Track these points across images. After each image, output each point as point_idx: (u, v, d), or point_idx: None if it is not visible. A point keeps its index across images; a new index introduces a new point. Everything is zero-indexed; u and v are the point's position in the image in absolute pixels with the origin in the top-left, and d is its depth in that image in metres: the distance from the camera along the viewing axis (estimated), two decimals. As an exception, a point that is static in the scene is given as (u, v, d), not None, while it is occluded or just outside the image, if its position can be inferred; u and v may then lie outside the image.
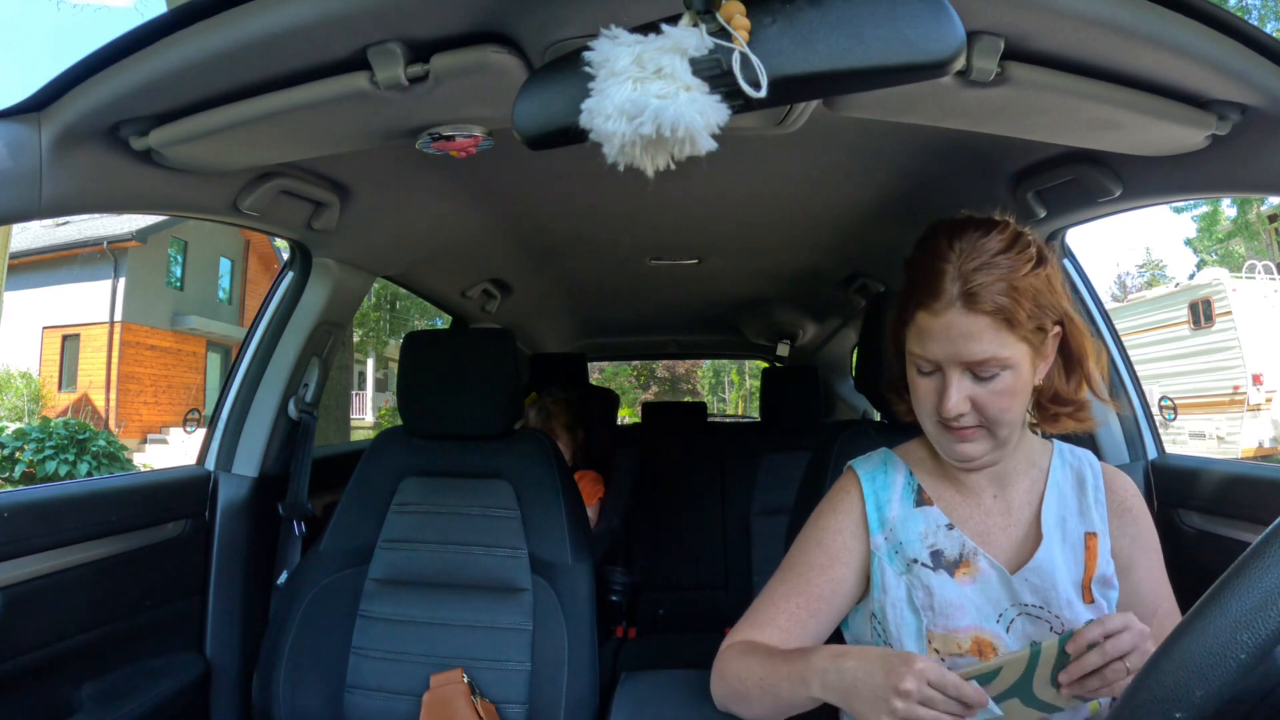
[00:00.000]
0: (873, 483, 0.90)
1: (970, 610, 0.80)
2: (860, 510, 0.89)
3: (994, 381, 0.77)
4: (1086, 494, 0.86)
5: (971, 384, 0.78)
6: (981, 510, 0.86)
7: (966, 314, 0.75)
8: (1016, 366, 0.77)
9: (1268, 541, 0.43)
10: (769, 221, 1.65)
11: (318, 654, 1.26)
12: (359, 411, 16.80)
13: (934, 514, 0.86)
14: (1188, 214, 19.64)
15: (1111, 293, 24.11)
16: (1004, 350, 0.76)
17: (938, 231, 0.82)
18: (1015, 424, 0.80)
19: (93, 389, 12.74)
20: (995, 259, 0.76)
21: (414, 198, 1.38)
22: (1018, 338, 0.76)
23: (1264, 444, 8.63)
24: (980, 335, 0.75)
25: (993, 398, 0.77)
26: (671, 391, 24.76)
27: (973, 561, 0.82)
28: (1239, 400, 8.67)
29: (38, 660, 1.07)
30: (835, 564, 0.88)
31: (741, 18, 0.54)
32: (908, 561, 0.84)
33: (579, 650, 1.21)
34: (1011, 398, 0.78)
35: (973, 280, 0.75)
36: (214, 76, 0.78)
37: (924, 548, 0.84)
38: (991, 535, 0.85)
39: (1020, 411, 0.80)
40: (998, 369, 0.76)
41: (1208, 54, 0.71)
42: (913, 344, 0.81)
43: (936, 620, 0.81)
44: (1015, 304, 0.75)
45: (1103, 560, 0.82)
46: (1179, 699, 0.41)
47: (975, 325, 0.75)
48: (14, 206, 0.81)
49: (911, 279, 0.82)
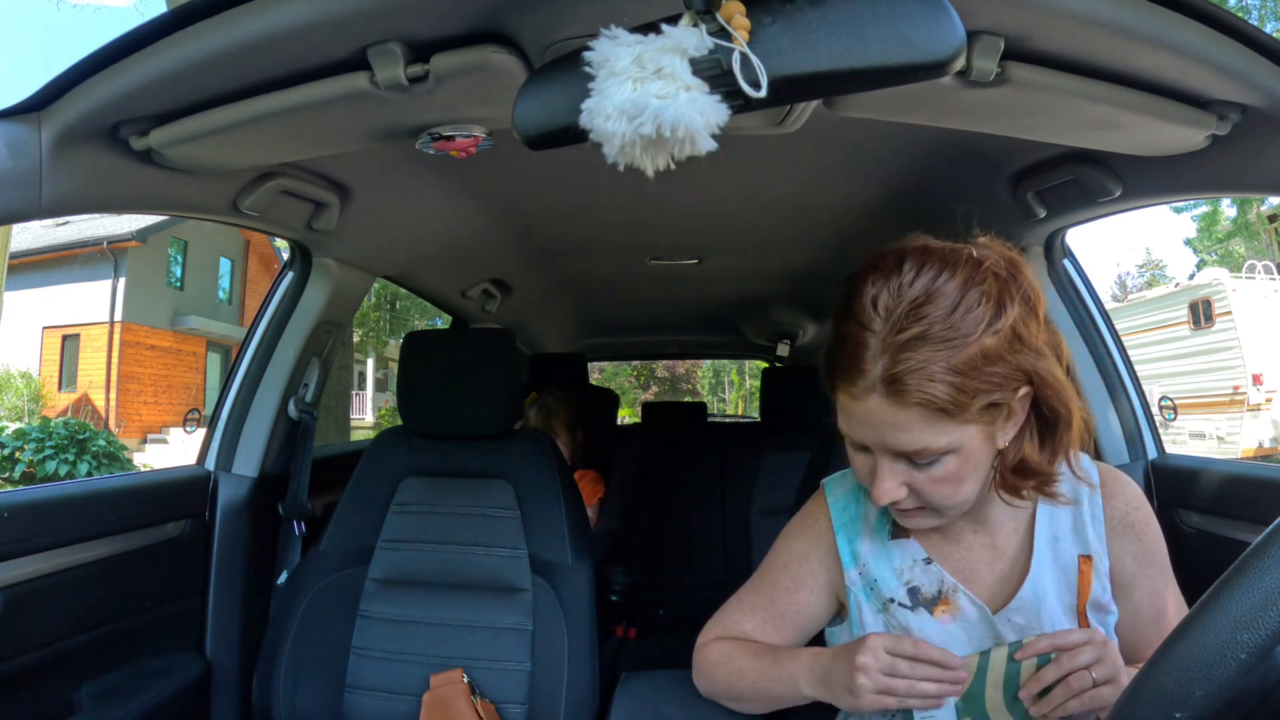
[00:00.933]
0: (843, 513, 0.83)
1: (955, 648, 0.74)
2: (830, 541, 0.83)
3: (933, 468, 0.66)
4: (1083, 510, 0.78)
5: (907, 469, 0.67)
6: (963, 546, 0.79)
7: (890, 405, 0.63)
8: (961, 450, 0.65)
9: (1268, 541, 0.43)
10: (769, 221, 1.65)
11: (318, 654, 1.26)
12: (359, 411, 16.80)
13: (911, 547, 0.79)
14: (1188, 214, 19.67)
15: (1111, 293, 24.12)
16: (940, 439, 0.64)
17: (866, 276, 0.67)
18: (967, 502, 0.70)
19: (93, 389, 12.74)
20: (930, 330, 0.62)
21: (414, 198, 1.38)
22: (960, 423, 0.63)
23: (1264, 444, 8.63)
24: (909, 426, 0.63)
25: (932, 485, 0.67)
26: (671, 391, 24.76)
27: (952, 599, 0.76)
28: (1239, 400, 8.67)
29: (38, 660, 1.07)
30: (801, 588, 0.86)
31: (741, 18, 0.54)
32: (884, 601, 0.78)
33: (579, 650, 1.21)
34: (957, 484, 0.67)
35: (900, 363, 0.62)
36: (214, 76, 0.78)
37: (900, 585, 0.78)
38: (975, 571, 0.78)
39: (971, 491, 0.69)
40: (936, 455, 0.65)
41: (1208, 54, 0.71)
42: (839, 418, 0.70)
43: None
44: (955, 390, 0.61)
45: (1098, 585, 0.75)
46: (1179, 699, 0.41)
47: (902, 417, 0.63)
48: (14, 206, 0.81)
49: (832, 341, 0.69)
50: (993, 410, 0.65)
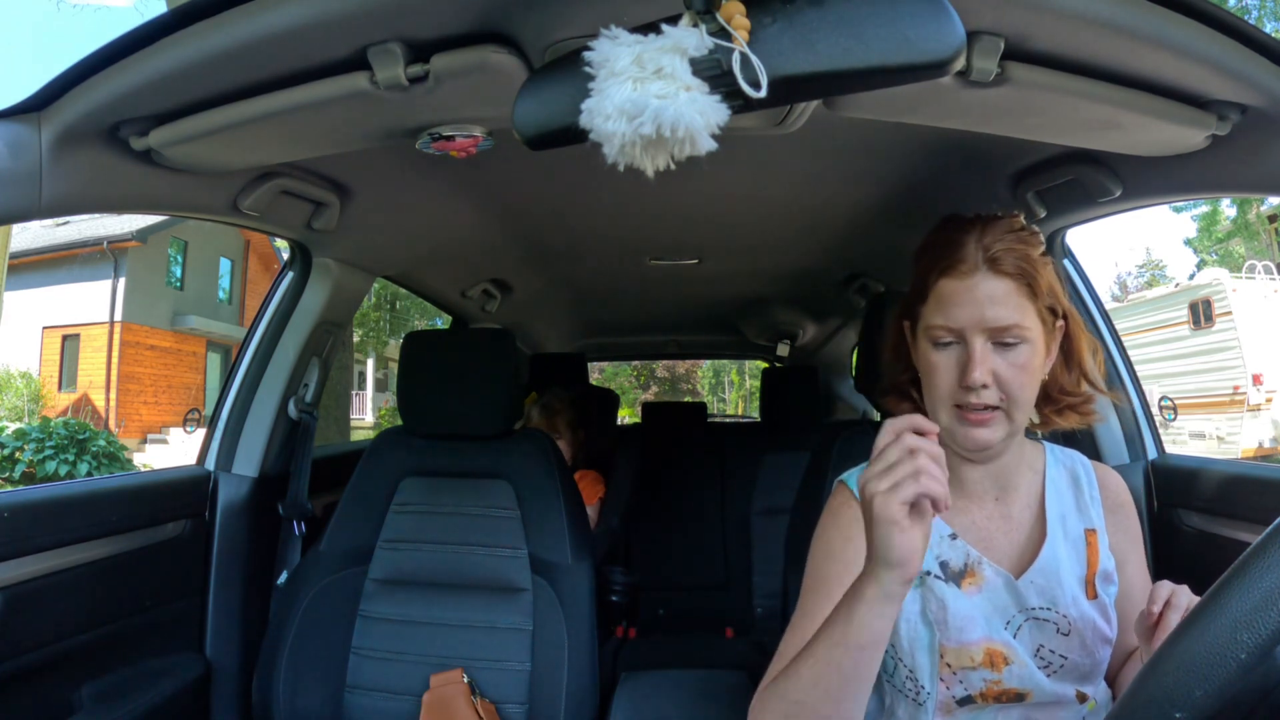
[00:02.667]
0: None
1: (980, 621, 0.78)
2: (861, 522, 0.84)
3: (1014, 353, 0.76)
4: (1082, 492, 0.86)
5: (993, 354, 0.77)
6: (983, 515, 0.85)
7: (992, 276, 0.76)
8: (1034, 342, 0.77)
9: (1268, 541, 0.43)
10: (769, 221, 1.65)
11: (318, 654, 1.26)
12: (359, 411, 16.80)
13: (936, 524, 0.81)
14: (1188, 214, 19.67)
15: (1111, 293, 24.10)
16: (1025, 319, 0.76)
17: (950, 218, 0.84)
18: (1029, 407, 0.79)
19: (93, 389, 12.74)
20: (1010, 234, 0.78)
21: (414, 198, 1.38)
22: (1035, 311, 0.77)
23: (1264, 444, 8.63)
24: (1005, 300, 0.76)
25: (1013, 371, 0.76)
26: (671, 391, 24.76)
27: (978, 571, 0.81)
28: (1239, 400, 8.67)
29: (38, 660, 1.07)
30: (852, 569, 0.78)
31: (741, 18, 0.54)
32: (921, 574, 0.80)
33: (579, 650, 1.21)
34: (1030, 374, 0.77)
35: (994, 248, 0.77)
36: (214, 76, 0.78)
37: (933, 559, 0.82)
38: (994, 540, 0.83)
39: (1034, 394, 0.79)
40: (1018, 339, 0.76)
41: (1208, 54, 0.71)
42: (933, 316, 0.80)
43: (949, 634, 0.78)
44: (1036, 275, 0.76)
45: (1103, 555, 0.82)
46: (1179, 699, 0.41)
47: (1000, 288, 0.76)
48: (14, 206, 0.81)
49: (930, 255, 0.82)
50: (1051, 317, 0.79)
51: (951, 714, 0.80)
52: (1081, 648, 0.78)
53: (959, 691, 0.79)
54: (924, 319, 0.82)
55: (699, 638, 2.27)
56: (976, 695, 0.78)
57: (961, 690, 0.79)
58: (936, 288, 0.80)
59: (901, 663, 0.81)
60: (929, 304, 0.81)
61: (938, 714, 0.80)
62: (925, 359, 0.81)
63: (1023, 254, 0.77)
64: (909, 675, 0.81)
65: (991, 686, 0.78)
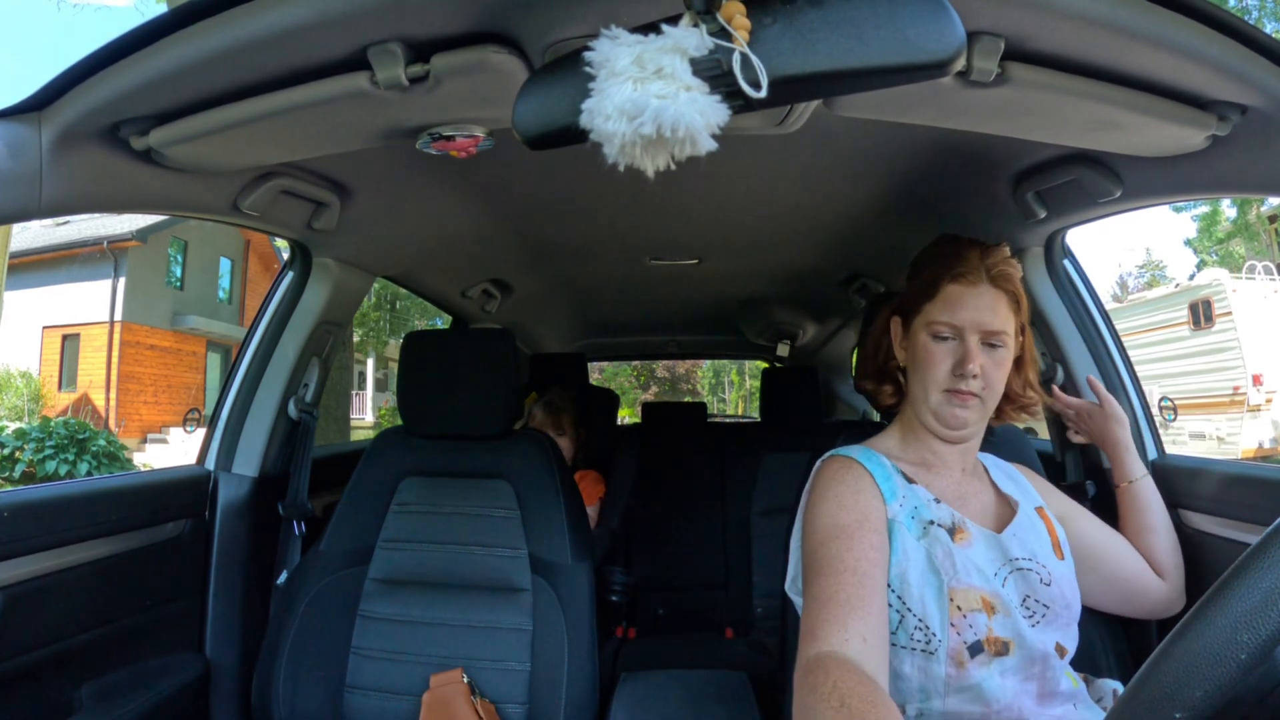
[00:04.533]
0: (870, 460, 0.96)
1: (974, 570, 0.87)
2: (869, 479, 0.93)
3: (997, 353, 0.93)
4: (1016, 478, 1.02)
5: (984, 350, 0.93)
6: (955, 483, 0.97)
7: (992, 289, 0.93)
8: (1009, 347, 0.94)
9: (1268, 541, 0.43)
10: (769, 221, 1.65)
11: (318, 654, 1.26)
12: (359, 411, 16.80)
13: (921, 491, 0.94)
14: (1188, 214, 19.66)
15: (1112, 293, 24.08)
16: (1008, 328, 0.93)
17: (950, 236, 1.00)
18: (999, 398, 0.96)
19: (93, 389, 12.74)
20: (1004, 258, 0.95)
21: (414, 198, 1.38)
22: (1014, 324, 0.94)
23: (1264, 445, 8.62)
24: (998, 309, 0.93)
25: (994, 367, 0.93)
26: (671, 391, 24.75)
27: (964, 528, 0.90)
28: (1239, 401, 8.67)
29: (38, 660, 1.07)
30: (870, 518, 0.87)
31: (741, 18, 0.54)
32: (924, 524, 0.90)
33: (579, 650, 1.21)
34: (1004, 372, 0.94)
35: (996, 267, 0.94)
36: (214, 76, 0.78)
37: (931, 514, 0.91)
38: (968, 504, 0.95)
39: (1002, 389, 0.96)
40: (1001, 343, 0.93)
41: (1208, 54, 0.71)
42: (939, 313, 0.94)
43: (958, 576, 0.86)
44: (1020, 294, 0.95)
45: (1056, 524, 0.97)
46: (1179, 699, 0.41)
47: (997, 300, 0.93)
48: (14, 206, 0.81)
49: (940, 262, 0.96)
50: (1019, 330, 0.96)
51: (963, 667, 0.82)
52: (1061, 598, 0.89)
53: (969, 636, 0.83)
54: (926, 314, 0.95)
55: (699, 638, 2.27)
56: (984, 640, 0.84)
57: (971, 634, 0.83)
58: (945, 290, 0.94)
59: (910, 612, 0.85)
60: (935, 303, 0.95)
61: (949, 663, 0.82)
62: (923, 349, 0.95)
63: (1014, 276, 0.94)
64: (919, 625, 0.84)
65: (989, 633, 0.84)
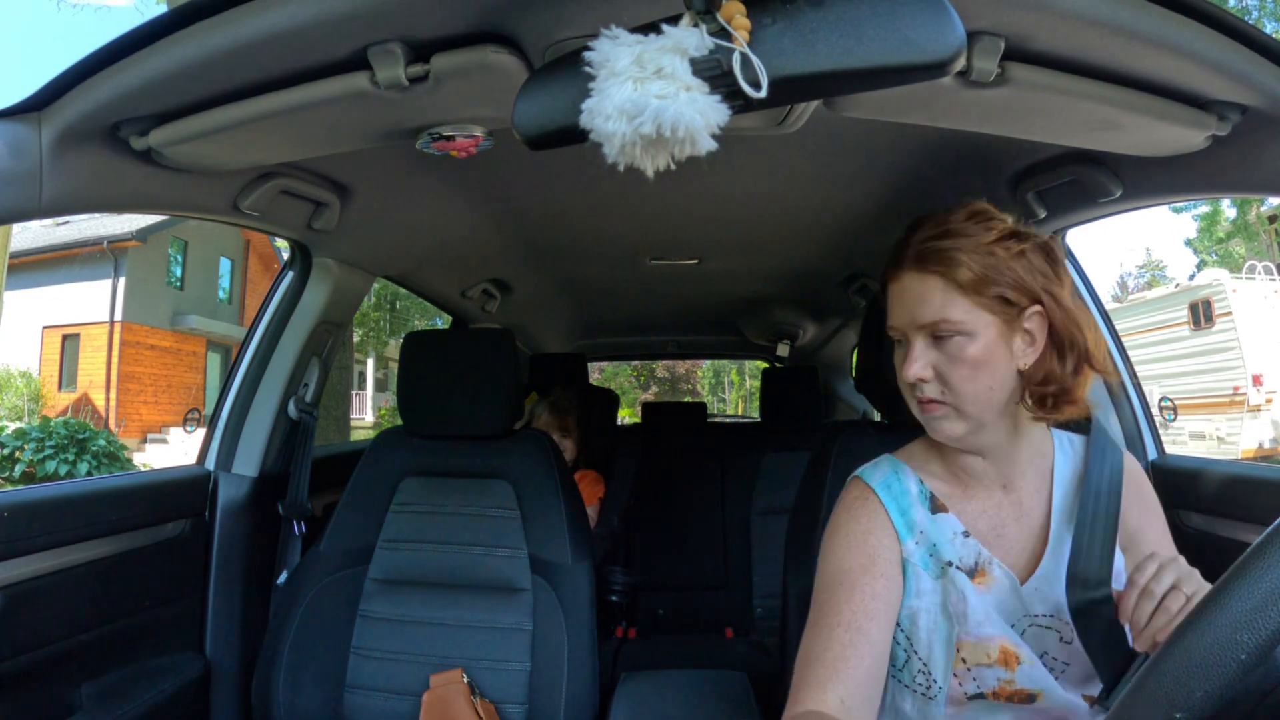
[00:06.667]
0: (889, 490, 0.85)
1: (995, 618, 0.78)
2: (884, 514, 0.84)
3: (951, 346, 0.76)
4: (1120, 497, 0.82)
5: (932, 350, 0.77)
6: (993, 504, 0.83)
7: (917, 275, 0.77)
8: (975, 335, 0.75)
9: (1268, 542, 0.43)
10: (769, 221, 1.65)
11: (318, 654, 1.26)
12: (359, 411, 16.79)
13: (950, 520, 0.83)
14: (1188, 214, 19.67)
15: (1112, 293, 24.09)
16: (955, 313, 0.75)
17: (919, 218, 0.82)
18: (983, 402, 0.77)
19: (93, 389, 12.74)
20: (951, 227, 0.77)
21: (414, 198, 1.38)
22: (973, 303, 0.75)
23: (1264, 445, 8.62)
24: (929, 295, 0.76)
25: (951, 365, 0.76)
26: (671, 391, 24.75)
27: (988, 570, 0.80)
28: (1239, 401, 8.67)
29: (38, 660, 1.07)
30: (877, 561, 0.80)
31: (742, 18, 0.54)
32: (943, 565, 0.80)
33: (579, 650, 1.21)
34: (973, 368, 0.75)
35: (925, 244, 0.77)
36: (214, 76, 0.78)
37: (953, 553, 0.81)
38: (1004, 535, 0.82)
39: (987, 388, 0.76)
40: (952, 332, 0.75)
41: (1208, 54, 0.71)
42: (888, 319, 0.82)
43: (969, 628, 0.78)
44: (961, 264, 0.75)
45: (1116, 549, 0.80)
46: (1179, 699, 0.41)
47: (925, 286, 0.76)
48: (14, 206, 0.81)
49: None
50: (1006, 308, 0.75)
51: (962, 706, 0.79)
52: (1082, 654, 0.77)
53: (971, 688, 0.78)
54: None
55: (699, 638, 2.27)
56: (989, 693, 0.78)
57: (974, 687, 0.78)
58: (888, 291, 0.82)
59: (916, 655, 0.80)
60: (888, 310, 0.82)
61: (948, 705, 0.79)
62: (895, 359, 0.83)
63: (950, 245, 0.75)
64: (922, 669, 0.80)
65: (1004, 686, 0.77)
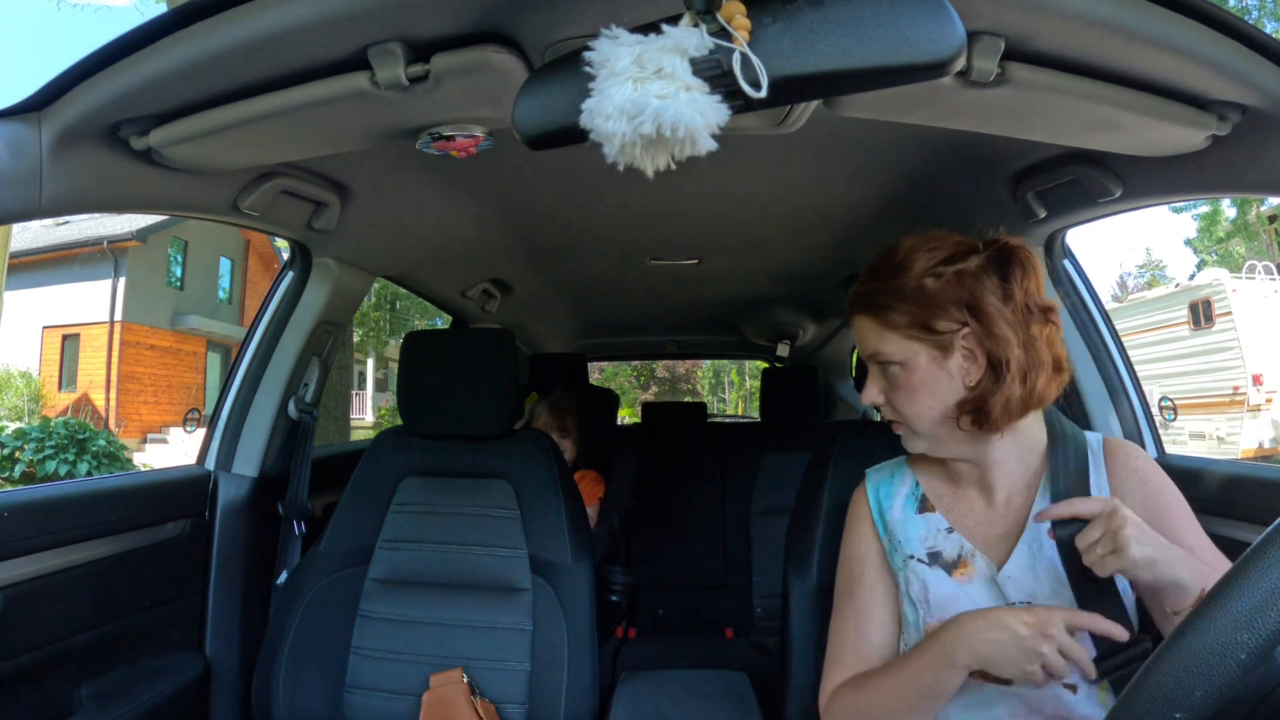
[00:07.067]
0: (877, 491, 0.96)
1: (966, 604, 0.82)
2: (869, 515, 0.95)
3: (893, 375, 0.85)
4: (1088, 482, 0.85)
5: (881, 378, 0.87)
6: (976, 505, 0.90)
7: (858, 317, 0.88)
8: (909, 364, 0.83)
9: (1268, 541, 0.43)
10: (769, 221, 1.65)
11: (318, 654, 1.26)
12: (359, 411, 16.80)
13: (935, 519, 0.91)
14: (1188, 214, 19.67)
15: (1112, 293, 24.10)
16: (886, 347, 0.84)
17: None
18: (926, 419, 0.84)
19: (93, 389, 12.74)
20: (885, 267, 0.85)
21: (414, 198, 1.38)
22: (902, 336, 0.83)
23: (1264, 444, 8.63)
24: (866, 334, 0.87)
25: (894, 390, 0.86)
26: (671, 391, 24.75)
27: (970, 563, 0.86)
28: (1239, 401, 8.67)
29: (38, 660, 1.07)
30: (869, 556, 0.93)
31: (742, 18, 0.54)
32: (904, 557, 0.89)
33: (579, 650, 1.21)
34: (909, 392, 0.84)
35: (858, 290, 0.87)
36: (214, 76, 0.78)
37: (922, 548, 0.89)
38: (985, 529, 0.88)
39: (927, 408, 0.84)
40: (889, 364, 0.85)
41: (1208, 54, 0.71)
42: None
43: (932, 612, 0.84)
44: (887, 306, 0.83)
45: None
46: (1179, 699, 0.41)
47: (863, 325, 0.87)
48: (14, 206, 0.81)
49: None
50: (934, 335, 0.81)
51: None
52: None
53: None
54: None
55: (699, 638, 2.27)
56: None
57: None
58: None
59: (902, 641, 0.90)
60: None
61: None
62: None
63: (878, 289, 0.84)
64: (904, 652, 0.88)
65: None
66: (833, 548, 1.01)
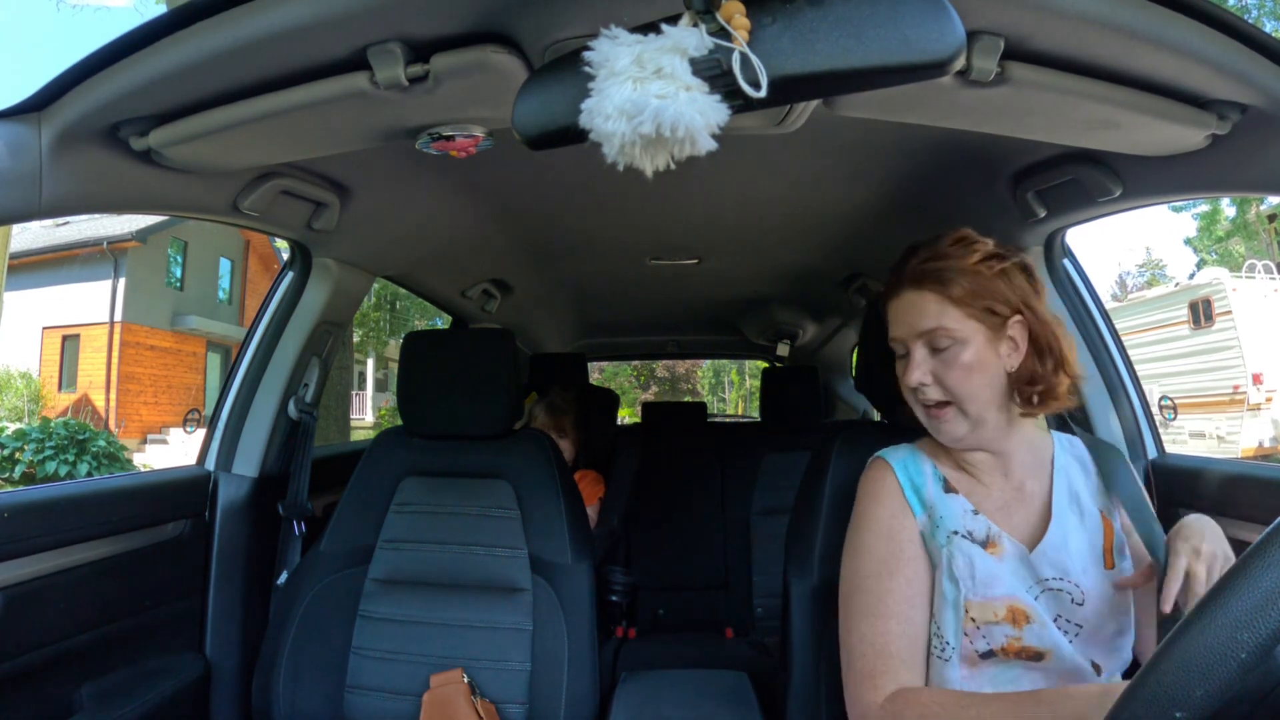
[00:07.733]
0: (905, 470, 0.95)
1: (1006, 579, 0.85)
2: (899, 493, 0.93)
3: (947, 353, 0.87)
4: (1091, 478, 0.93)
5: (930, 358, 0.88)
6: (997, 491, 0.92)
7: (914, 292, 0.89)
8: (968, 342, 0.86)
9: (1268, 541, 0.43)
10: (769, 221, 1.65)
11: (318, 654, 1.26)
12: (359, 411, 16.79)
13: (960, 500, 0.91)
14: (1187, 213, 19.67)
15: (1112, 292, 24.10)
16: (949, 322, 0.87)
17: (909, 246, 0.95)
18: (981, 400, 0.88)
19: (93, 389, 12.74)
20: (940, 250, 0.89)
21: (414, 198, 1.38)
22: (964, 314, 0.86)
23: (1264, 444, 8.63)
24: (925, 307, 0.88)
25: (949, 370, 0.87)
26: (671, 391, 24.75)
27: (998, 543, 0.87)
28: (1239, 400, 8.67)
29: (38, 660, 1.07)
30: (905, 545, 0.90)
31: (741, 18, 0.54)
32: (949, 534, 0.88)
33: (579, 650, 1.21)
34: (968, 371, 0.86)
35: (919, 267, 0.89)
36: (214, 76, 0.78)
37: (961, 525, 0.90)
38: (1010, 512, 0.90)
39: (982, 388, 0.87)
40: (949, 341, 0.87)
41: (1208, 54, 0.72)
42: (890, 333, 0.93)
43: (975, 589, 0.84)
44: (953, 282, 0.87)
45: (1118, 530, 0.89)
46: (1179, 698, 0.41)
47: (921, 299, 0.88)
48: (14, 206, 0.81)
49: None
50: (991, 317, 0.87)
51: (976, 666, 0.84)
52: (1098, 616, 0.83)
53: (981, 645, 0.84)
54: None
55: (699, 638, 2.27)
56: (998, 650, 0.83)
57: (984, 644, 0.83)
58: (887, 311, 0.94)
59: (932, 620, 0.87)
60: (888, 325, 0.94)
61: (962, 665, 0.84)
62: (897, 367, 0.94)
63: (942, 266, 0.87)
64: (935, 633, 0.86)
65: (1012, 642, 0.83)
66: (833, 547, 1.01)
